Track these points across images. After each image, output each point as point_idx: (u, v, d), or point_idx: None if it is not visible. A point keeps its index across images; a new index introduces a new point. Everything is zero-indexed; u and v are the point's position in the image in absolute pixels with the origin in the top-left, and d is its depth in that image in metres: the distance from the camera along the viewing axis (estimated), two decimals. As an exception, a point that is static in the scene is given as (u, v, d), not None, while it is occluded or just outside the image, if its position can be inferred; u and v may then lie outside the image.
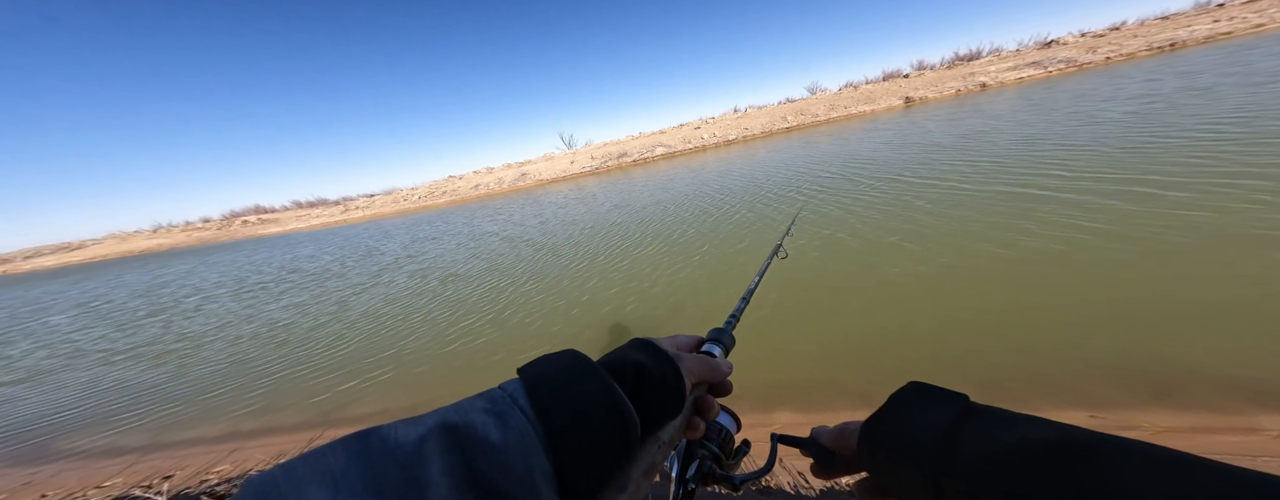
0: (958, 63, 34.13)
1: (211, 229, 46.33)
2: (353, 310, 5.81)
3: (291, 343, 4.91)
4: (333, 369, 3.96)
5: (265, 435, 3.10)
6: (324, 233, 25.81)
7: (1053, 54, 27.14)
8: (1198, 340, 2.12)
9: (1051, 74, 23.51)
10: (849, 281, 3.53)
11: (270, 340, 5.15)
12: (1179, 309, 2.35)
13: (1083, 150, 5.80)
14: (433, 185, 40.72)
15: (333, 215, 43.99)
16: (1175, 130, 5.80)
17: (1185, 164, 4.44)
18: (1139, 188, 4.06)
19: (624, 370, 0.34)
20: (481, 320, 4.48)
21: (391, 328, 4.81)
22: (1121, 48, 24.62)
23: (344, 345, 4.53)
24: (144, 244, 44.32)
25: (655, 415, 0.33)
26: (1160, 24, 29.52)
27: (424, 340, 4.26)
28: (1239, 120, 5.62)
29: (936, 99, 23.72)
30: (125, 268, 22.54)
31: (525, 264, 6.47)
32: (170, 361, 4.93)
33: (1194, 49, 20.55)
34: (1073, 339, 2.32)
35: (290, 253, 15.41)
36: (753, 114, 35.26)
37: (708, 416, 0.40)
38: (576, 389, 0.30)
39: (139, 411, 3.75)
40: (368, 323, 5.14)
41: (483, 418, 0.26)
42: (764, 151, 16.18)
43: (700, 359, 0.40)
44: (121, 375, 4.71)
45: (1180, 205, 3.51)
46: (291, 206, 59.24)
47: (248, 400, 3.66)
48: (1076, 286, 2.75)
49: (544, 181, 29.34)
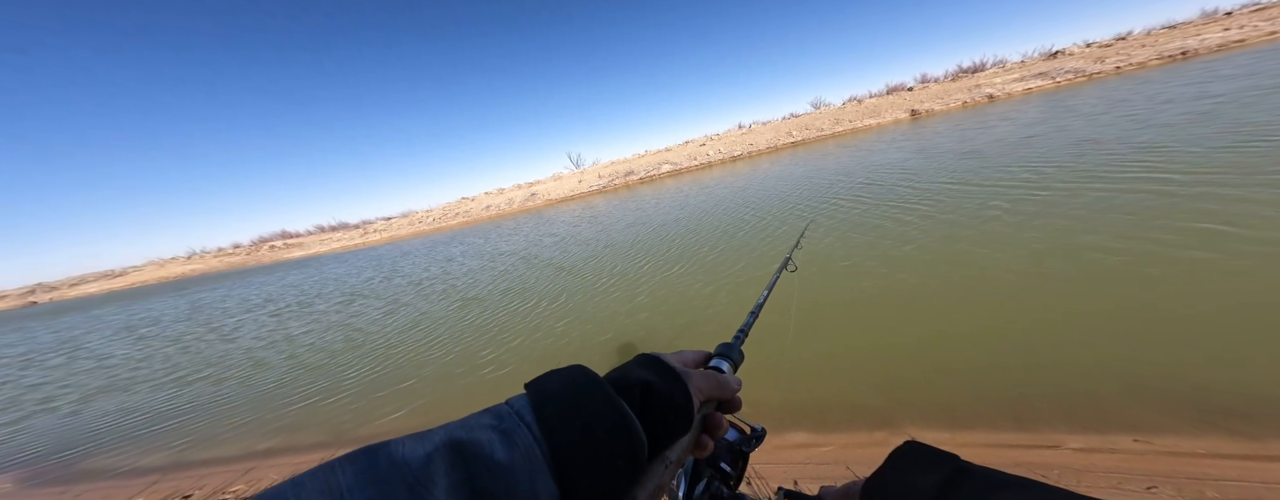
0: (962, 75, 34.28)
1: (241, 254, 48.52)
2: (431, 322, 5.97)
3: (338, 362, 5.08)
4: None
5: (306, 452, 3.16)
6: (349, 255, 26.75)
7: (1059, 65, 27.12)
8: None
9: (1059, 84, 23.47)
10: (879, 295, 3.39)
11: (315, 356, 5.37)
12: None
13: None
14: (446, 207, 42.12)
15: (352, 238, 45.58)
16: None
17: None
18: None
19: (631, 388, 0.33)
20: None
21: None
22: (1130, 57, 24.49)
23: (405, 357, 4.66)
24: (180, 269, 46.65)
25: (663, 434, 0.33)
26: (1169, 33, 29.32)
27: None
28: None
29: (943, 111, 23.82)
30: (166, 292, 23.70)
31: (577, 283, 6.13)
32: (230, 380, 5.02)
33: (1207, 57, 20.34)
34: (1101, 357, 2.14)
35: (319, 273, 15.91)
36: (758, 129, 35.80)
37: (716, 435, 0.39)
38: (583, 407, 0.30)
39: (175, 429, 3.86)
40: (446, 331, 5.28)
41: (489, 435, 0.27)
42: (780, 166, 16.14)
43: (708, 375, 0.40)
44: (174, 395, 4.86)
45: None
46: (315, 231, 61.63)
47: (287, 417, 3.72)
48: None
49: (553, 201, 30.05)
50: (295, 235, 61.61)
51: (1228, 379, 1.89)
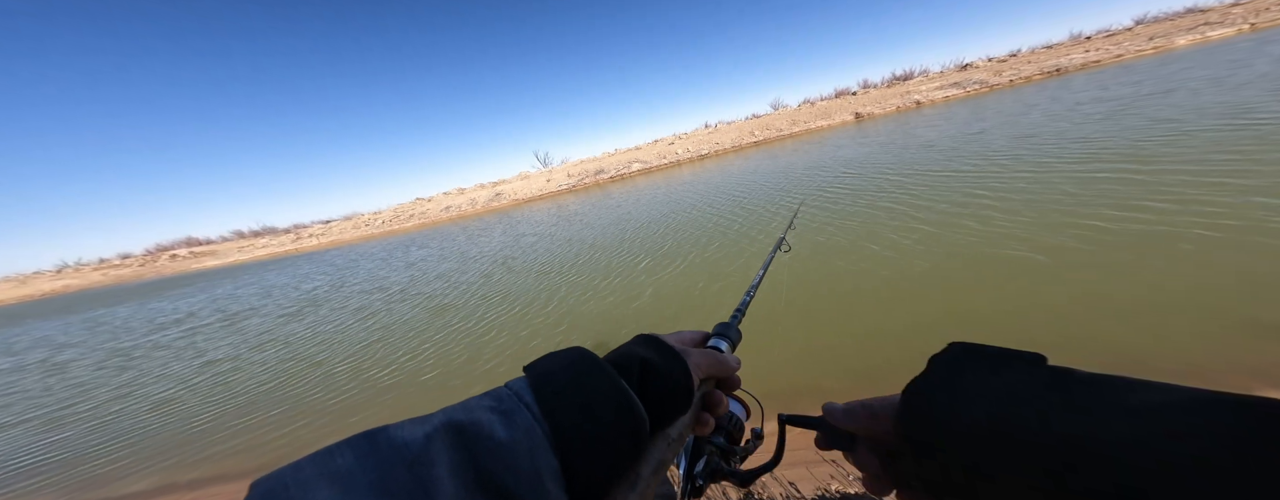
0: (896, 82, 38.57)
1: (133, 265, 41.32)
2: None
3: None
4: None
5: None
6: (275, 263, 23.90)
7: (969, 76, 31.50)
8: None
9: (970, 93, 27.33)
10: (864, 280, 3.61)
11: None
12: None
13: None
14: (398, 208, 39.20)
15: (282, 244, 40.85)
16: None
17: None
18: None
19: (630, 367, 0.34)
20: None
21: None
22: (1020, 71, 29.12)
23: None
24: (47, 286, 38.63)
25: (664, 412, 0.33)
26: (1047, 52, 35.21)
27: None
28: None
29: (882, 114, 26.69)
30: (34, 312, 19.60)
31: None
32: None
33: (1073, 73, 24.90)
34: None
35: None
36: (723, 129, 37.60)
37: (716, 412, 0.39)
38: (583, 386, 0.30)
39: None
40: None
41: (489, 416, 0.26)
42: (751, 162, 16.85)
43: (707, 353, 0.40)
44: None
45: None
46: (232, 237, 54.05)
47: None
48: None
49: (520, 201, 29.27)
50: (206, 243, 53.55)
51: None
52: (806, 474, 1.76)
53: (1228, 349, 2.07)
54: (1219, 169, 4.20)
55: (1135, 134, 6.54)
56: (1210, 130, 5.68)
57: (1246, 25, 27.43)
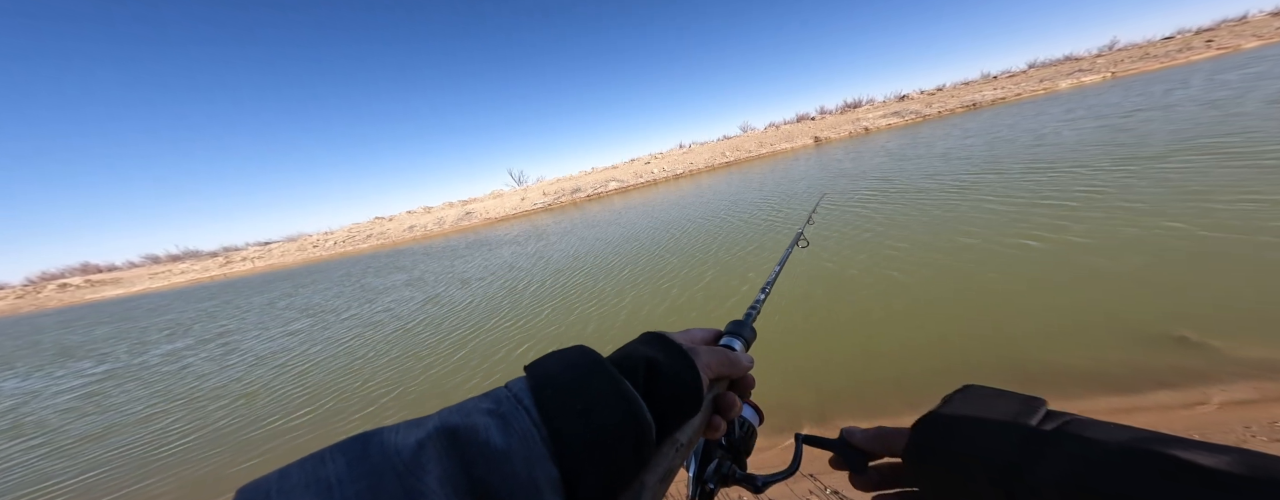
0: (847, 109, 42.55)
1: (7, 298, 34.49)
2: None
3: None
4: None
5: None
6: (195, 290, 20.69)
7: (907, 106, 35.47)
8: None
9: (908, 122, 30.75)
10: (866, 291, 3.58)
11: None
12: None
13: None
14: (354, 228, 36.32)
15: (207, 269, 36.36)
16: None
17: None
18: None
19: (635, 367, 0.32)
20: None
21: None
22: (946, 104, 33.31)
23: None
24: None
25: (671, 416, 0.31)
26: (966, 87, 40.64)
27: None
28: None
29: (838, 139, 29.20)
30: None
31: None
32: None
33: (988, 108, 28.85)
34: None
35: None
36: (697, 149, 39.22)
37: (729, 415, 0.37)
38: (585, 389, 0.28)
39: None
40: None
41: (485, 420, 0.25)
42: (731, 182, 16.84)
43: (718, 352, 0.37)
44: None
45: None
46: (143, 262, 46.81)
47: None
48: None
49: (492, 220, 28.34)
50: (108, 269, 46.05)
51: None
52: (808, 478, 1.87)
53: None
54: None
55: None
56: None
57: (1109, 73, 33.48)
